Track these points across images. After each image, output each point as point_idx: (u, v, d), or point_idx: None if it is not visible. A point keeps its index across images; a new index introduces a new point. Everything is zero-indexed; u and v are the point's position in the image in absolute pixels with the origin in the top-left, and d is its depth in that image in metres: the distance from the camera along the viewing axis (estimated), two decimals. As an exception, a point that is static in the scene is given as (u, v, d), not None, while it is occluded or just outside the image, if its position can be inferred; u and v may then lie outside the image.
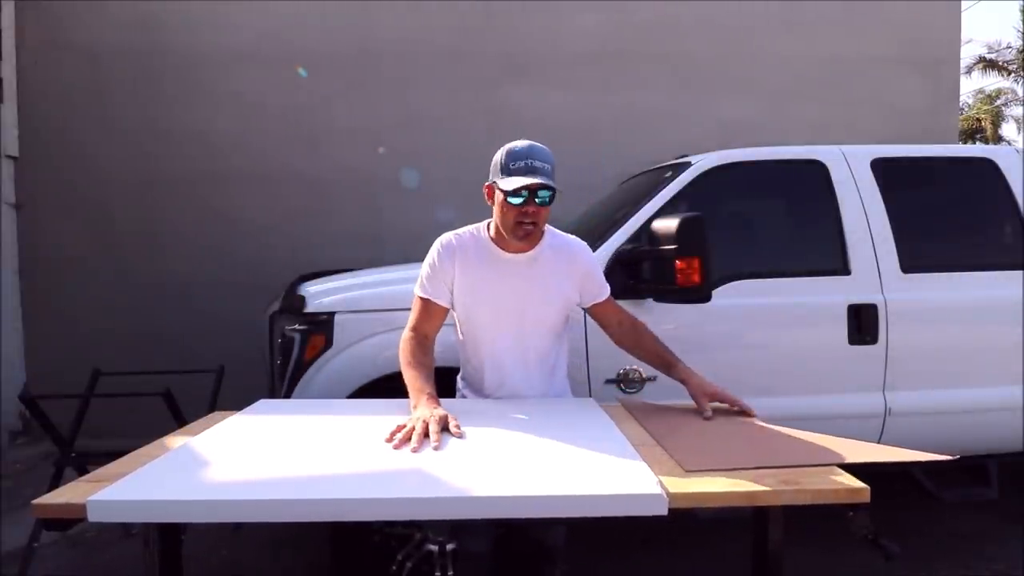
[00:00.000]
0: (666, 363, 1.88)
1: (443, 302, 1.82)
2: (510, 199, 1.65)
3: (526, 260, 1.80)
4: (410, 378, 1.68)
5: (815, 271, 2.66)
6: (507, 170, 1.66)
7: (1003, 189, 2.80)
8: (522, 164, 1.64)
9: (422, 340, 1.80)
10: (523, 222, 1.67)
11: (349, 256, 4.27)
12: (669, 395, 2.35)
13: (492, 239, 1.81)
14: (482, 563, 1.91)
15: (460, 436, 1.45)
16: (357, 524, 2.17)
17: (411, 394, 1.64)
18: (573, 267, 1.84)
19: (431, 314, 1.82)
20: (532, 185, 1.63)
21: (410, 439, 1.40)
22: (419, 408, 1.55)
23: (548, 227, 1.87)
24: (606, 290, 1.90)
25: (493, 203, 1.75)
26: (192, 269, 4.80)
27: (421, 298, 1.82)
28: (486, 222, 1.85)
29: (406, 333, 1.81)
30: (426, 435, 1.43)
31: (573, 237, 1.92)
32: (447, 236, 1.85)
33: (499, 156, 1.71)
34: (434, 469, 1.27)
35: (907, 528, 3.03)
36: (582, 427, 1.58)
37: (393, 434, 1.44)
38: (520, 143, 1.70)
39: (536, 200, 1.66)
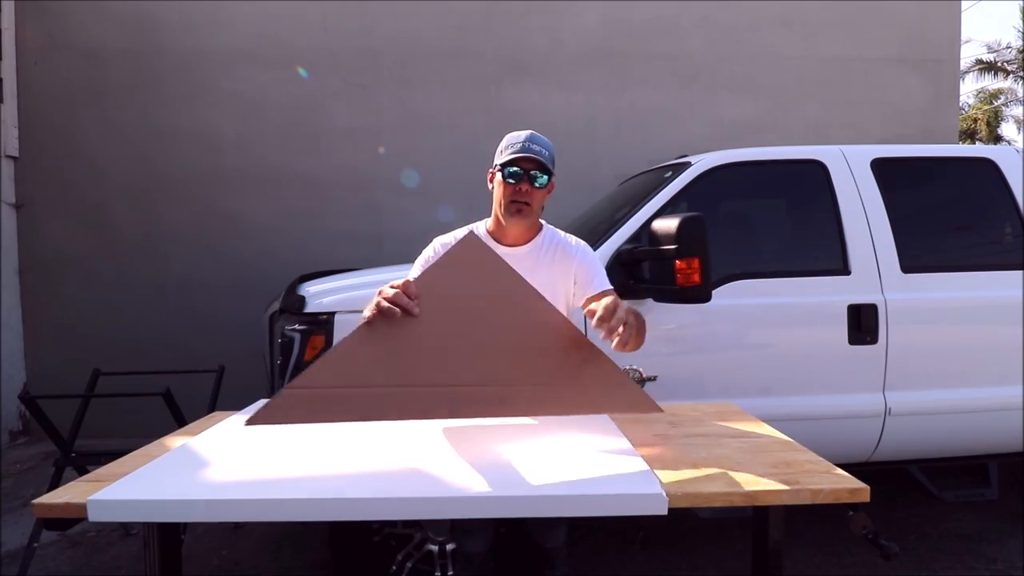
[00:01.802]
0: None
1: None
2: (507, 178, 1.70)
3: (524, 253, 1.79)
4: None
5: (815, 271, 2.65)
6: (505, 151, 1.73)
7: (1003, 189, 2.80)
8: (520, 145, 1.70)
9: None
10: (516, 200, 1.71)
11: (349, 256, 4.28)
12: (669, 395, 2.35)
13: (489, 232, 1.83)
14: (482, 563, 1.91)
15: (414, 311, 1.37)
16: (357, 524, 2.18)
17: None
18: (569, 262, 1.80)
19: None
20: (526, 164, 1.68)
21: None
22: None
23: (552, 227, 1.87)
24: (601, 284, 1.79)
25: (493, 188, 1.79)
26: (192, 269, 4.81)
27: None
28: (483, 220, 1.87)
29: None
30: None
31: (575, 237, 1.90)
32: (445, 236, 1.86)
33: (502, 142, 1.77)
34: (434, 469, 1.27)
35: (907, 528, 3.03)
36: (583, 427, 1.58)
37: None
38: (522, 131, 1.75)
39: (533, 183, 1.70)
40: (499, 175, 1.74)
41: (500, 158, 1.74)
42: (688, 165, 2.75)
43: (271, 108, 4.89)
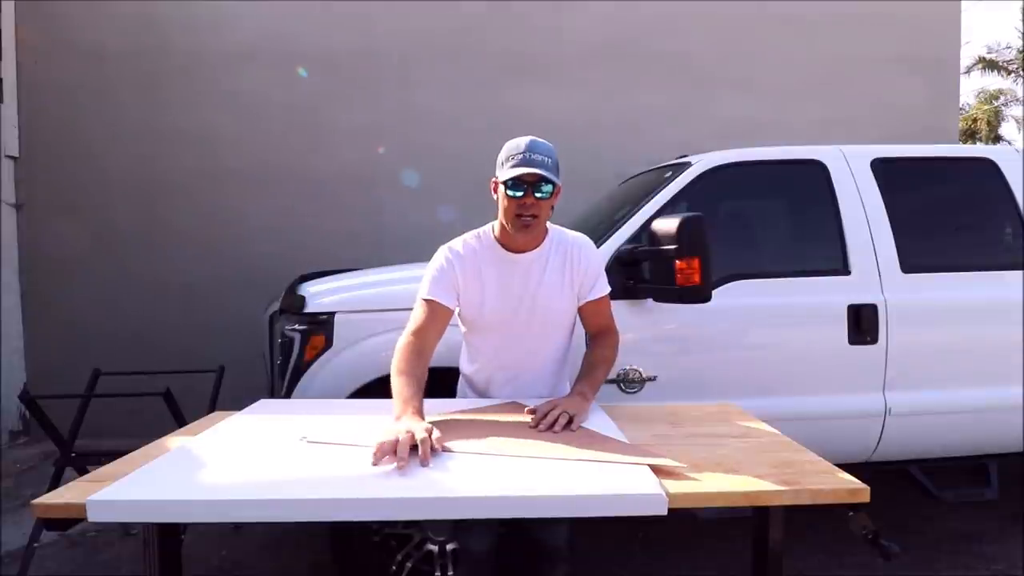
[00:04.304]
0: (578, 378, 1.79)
1: (449, 304, 1.77)
2: (509, 192, 1.67)
3: (533, 259, 1.78)
4: (399, 385, 1.56)
5: (815, 271, 2.65)
6: (507, 163, 1.68)
7: (1003, 189, 2.80)
8: (520, 157, 1.65)
9: (420, 348, 1.67)
10: (522, 215, 1.68)
11: (349, 256, 4.28)
12: (669, 395, 2.36)
13: (497, 239, 1.79)
14: (483, 563, 1.90)
15: (444, 450, 1.36)
16: (357, 524, 2.18)
17: (397, 403, 1.51)
18: (577, 263, 1.81)
19: (436, 317, 1.72)
20: (528, 176, 1.64)
21: (395, 452, 1.28)
22: (404, 420, 1.42)
23: (557, 227, 1.86)
24: (602, 289, 1.84)
25: (498, 198, 1.75)
26: (192, 269, 4.81)
27: (426, 300, 1.74)
28: (489, 225, 1.83)
29: (405, 337, 1.69)
30: (413, 449, 1.31)
31: (580, 235, 1.89)
32: (454, 243, 1.82)
33: (502, 151, 1.72)
34: (434, 469, 1.27)
35: (907, 528, 3.03)
36: (582, 428, 1.58)
37: (377, 453, 1.28)
38: (522, 138, 1.70)
39: (536, 194, 1.66)
40: (502, 188, 1.70)
41: (501, 171, 1.69)
42: (688, 165, 2.75)
43: (271, 108, 4.89)
